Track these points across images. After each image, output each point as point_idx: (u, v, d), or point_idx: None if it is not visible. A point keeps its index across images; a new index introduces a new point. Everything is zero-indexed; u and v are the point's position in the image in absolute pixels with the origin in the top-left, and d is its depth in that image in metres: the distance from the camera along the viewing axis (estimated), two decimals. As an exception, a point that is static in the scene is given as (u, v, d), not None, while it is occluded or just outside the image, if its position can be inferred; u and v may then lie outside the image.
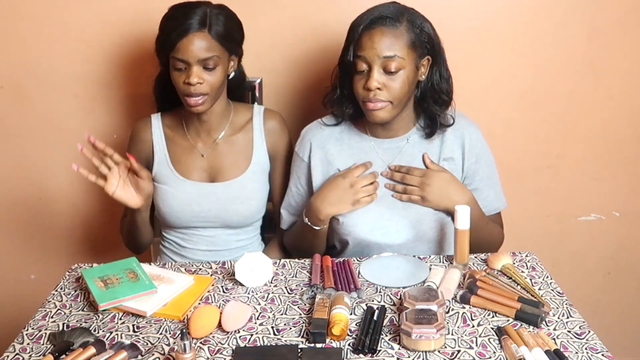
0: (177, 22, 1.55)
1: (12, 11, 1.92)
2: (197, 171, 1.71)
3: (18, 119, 2.01)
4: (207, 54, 1.55)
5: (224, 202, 1.70)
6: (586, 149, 2.11)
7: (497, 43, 2.00)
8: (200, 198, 1.69)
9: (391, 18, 1.50)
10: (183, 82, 1.57)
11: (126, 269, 1.45)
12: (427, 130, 1.63)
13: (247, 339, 1.24)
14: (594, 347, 1.20)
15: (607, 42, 2.00)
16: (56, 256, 2.14)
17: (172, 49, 1.55)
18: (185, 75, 1.56)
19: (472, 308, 1.33)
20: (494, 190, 1.68)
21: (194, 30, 1.54)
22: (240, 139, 1.74)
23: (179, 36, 1.54)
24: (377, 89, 1.50)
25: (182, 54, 1.54)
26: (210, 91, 1.59)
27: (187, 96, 1.58)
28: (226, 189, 1.70)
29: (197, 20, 1.55)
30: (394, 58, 1.49)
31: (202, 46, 1.55)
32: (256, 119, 1.75)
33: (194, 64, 1.55)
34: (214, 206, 1.69)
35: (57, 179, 2.07)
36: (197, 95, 1.58)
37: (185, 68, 1.56)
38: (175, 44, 1.54)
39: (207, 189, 1.70)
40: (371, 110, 1.53)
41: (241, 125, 1.75)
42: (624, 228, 2.20)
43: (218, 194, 1.70)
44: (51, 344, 1.24)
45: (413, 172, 1.58)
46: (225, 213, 1.70)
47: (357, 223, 1.59)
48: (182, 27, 1.54)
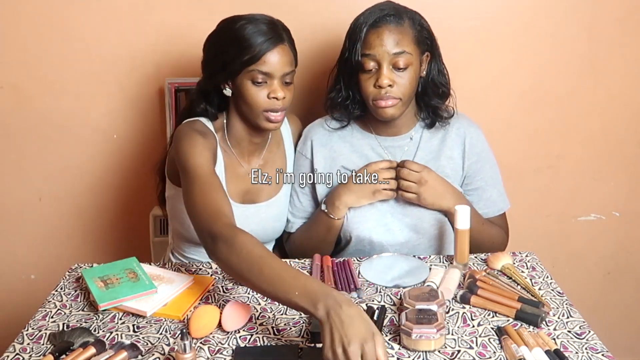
0: (260, 33, 1.46)
1: (12, 11, 1.92)
2: (241, 193, 1.63)
3: (18, 119, 2.01)
4: (290, 68, 1.50)
5: (266, 222, 1.65)
6: (586, 149, 2.11)
7: (497, 43, 2.00)
8: (244, 220, 1.50)
9: (394, 15, 1.52)
10: (267, 97, 1.49)
11: (126, 269, 1.45)
12: (427, 121, 1.64)
13: (247, 339, 1.24)
14: (594, 347, 1.20)
15: (607, 42, 2.00)
16: (56, 256, 2.14)
17: (255, 62, 1.46)
18: (268, 90, 1.49)
19: (472, 308, 1.33)
20: (496, 190, 1.68)
21: (280, 42, 1.48)
22: (276, 154, 1.68)
23: (266, 49, 1.46)
24: (389, 86, 1.51)
25: (268, 67, 1.47)
26: (289, 107, 1.54)
27: (270, 112, 1.50)
28: (268, 209, 1.65)
29: (279, 33, 1.49)
30: (403, 54, 1.51)
31: (286, 61, 1.49)
32: (284, 127, 1.71)
33: (277, 78, 1.48)
34: (255, 227, 1.58)
35: (57, 179, 2.07)
36: (281, 111, 1.51)
37: (265, 82, 1.48)
38: (260, 56, 1.46)
39: (250, 210, 1.62)
40: (383, 108, 1.54)
41: (274, 139, 1.68)
42: (624, 228, 2.20)
43: (260, 215, 1.64)
44: (51, 344, 1.24)
45: (411, 167, 1.57)
46: (264, 232, 1.64)
47: (361, 219, 1.60)
48: (268, 38, 1.46)
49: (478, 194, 1.66)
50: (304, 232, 1.71)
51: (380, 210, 1.61)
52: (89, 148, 2.04)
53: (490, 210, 1.67)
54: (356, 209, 1.60)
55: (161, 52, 1.93)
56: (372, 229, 1.60)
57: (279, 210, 1.68)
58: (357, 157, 1.65)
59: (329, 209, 1.60)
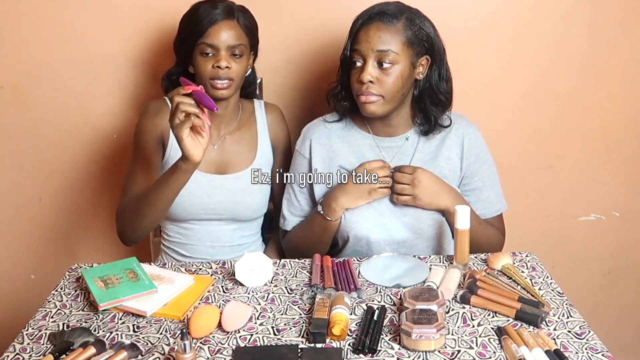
0: (207, 11, 1.61)
1: (12, 11, 1.92)
2: (207, 163, 1.71)
3: (18, 119, 2.01)
4: (236, 41, 1.62)
5: (234, 194, 1.72)
6: (586, 149, 2.11)
7: (497, 43, 2.00)
8: (211, 190, 1.70)
9: (389, 15, 1.53)
10: (212, 67, 1.60)
11: (126, 269, 1.45)
12: (423, 128, 1.64)
13: (247, 339, 1.24)
14: (594, 347, 1.20)
15: (607, 42, 2.00)
16: (56, 256, 2.14)
17: (201, 36, 1.60)
18: (213, 60, 1.61)
19: (472, 308, 1.33)
20: (494, 191, 1.68)
21: (225, 18, 1.61)
22: (246, 132, 1.77)
23: (210, 23, 1.60)
24: (370, 82, 1.53)
25: (212, 39, 1.60)
26: (236, 78, 1.64)
27: (215, 79, 1.61)
28: (236, 181, 1.72)
29: (227, 11, 1.63)
30: (387, 52, 1.52)
31: (231, 34, 1.61)
32: (258, 112, 1.80)
33: (222, 49, 1.60)
34: (223, 198, 1.71)
35: (57, 179, 2.07)
36: (225, 79, 1.61)
37: (212, 54, 1.61)
38: (205, 30, 1.60)
39: (217, 181, 1.72)
40: (363, 103, 1.56)
41: (246, 120, 1.78)
42: (624, 228, 2.20)
43: (228, 186, 1.72)
44: (51, 344, 1.24)
45: (404, 170, 1.58)
46: (234, 205, 1.72)
47: (359, 219, 1.60)
48: (213, 15, 1.61)
49: (475, 195, 1.66)
50: (299, 232, 1.71)
51: (378, 209, 1.61)
52: (89, 148, 2.04)
53: (487, 211, 1.67)
54: (353, 208, 1.60)
55: (161, 52, 1.93)
56: (370, 229, 1.60)
57: (248, 185, 1.73)
58: (354, 157, 1.65)
59: (325, 211, 1.61)
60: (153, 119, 1.68)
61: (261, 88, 1.94)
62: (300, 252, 1.66)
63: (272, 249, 1.84)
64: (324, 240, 1.65)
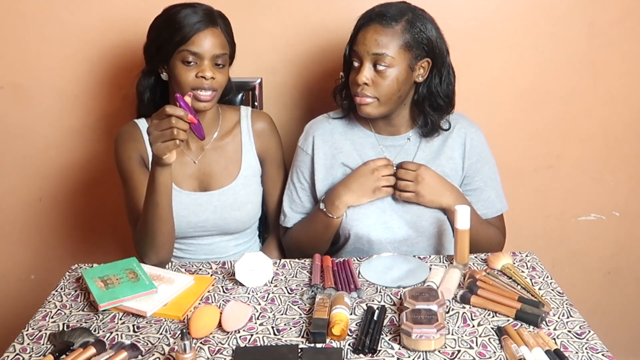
0: (189, 17, 1.52)
1: (12, 11, 1.92)
2: (189, 179, 1.66)
3: (18, 119, 2.01)
4: (220, 50, 1.55)
5: (222, 211, 1.67)
6: (586, 149, 2.11)
7: (497, 43, 2.00)
8: (197, 208, 1.64)
9: (389, 17, 1.52)
10: (195, 76, 1.53)
11: (126, 269, 1.45)
12: (423, 130, 1.64)
13: (247, 339, 1.24)
14: (594, 347, 1.20)
15: (607, 42, 2.00)
16: (56, 256, 2.14)
17: (184, 43, 1.51)
18: (197, 70, 1.53)
19: (472, 308, 1.33)
20: (495, 191, 1.68)
21: (210, 25, 1.53)
22: (229, 143, 1.70)
23: (194, 30, 1.51)
24: (365, 84, 1.53)
25: (197, 47, 1.52)
26: (219, 88, 1.57)
27: (198, 90, 1.53)
28: (221, 197, 1.67)
29: (210, 17, 1.54)
30: (383, 55, 1.51)
31: (216, 42, 1.54)
32: (244, 121, 1.72)
33: (207, 58, 1.53)
34: (211, 215, 1.66)
35: (57, 179, 2.07)
36: (209, 90, 1.54)
37: (195, 63, 1.53)
38: (189, 37, 1.51)
39: (202, 198, 1.65)
40: (358, 104, 1.57)
41: (229, 129, 1.71)
42: (624, 228, 2.20)
43: (214, 203, 1.66)
44: (51, 344, 1.24)
45: (407, 166, 1.58)
46: (222, 221, 1.68)
47: (360, 217, 1.60)
48: (198, 21, 1.52)
49: (477, 195, 1.66)
50: (301, 229, 1.70)
51: (380, 207, 1.61)
52: (89, 148, 2.04)
53: (488, 211, 1.67)
54: (356, 206, 1.60)
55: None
56: (371, 226, 1.60)
57: (235, 199, 1.68)
58: (357, 155, 1.65)
59: (327, 208, 1.60)
60: (129, 143, 1.62)
61: (261, 88, 1.94)
62: (301, 249, 1.66)
63: (270, 247, 1.81)
64: (325, 238, 1.65)
